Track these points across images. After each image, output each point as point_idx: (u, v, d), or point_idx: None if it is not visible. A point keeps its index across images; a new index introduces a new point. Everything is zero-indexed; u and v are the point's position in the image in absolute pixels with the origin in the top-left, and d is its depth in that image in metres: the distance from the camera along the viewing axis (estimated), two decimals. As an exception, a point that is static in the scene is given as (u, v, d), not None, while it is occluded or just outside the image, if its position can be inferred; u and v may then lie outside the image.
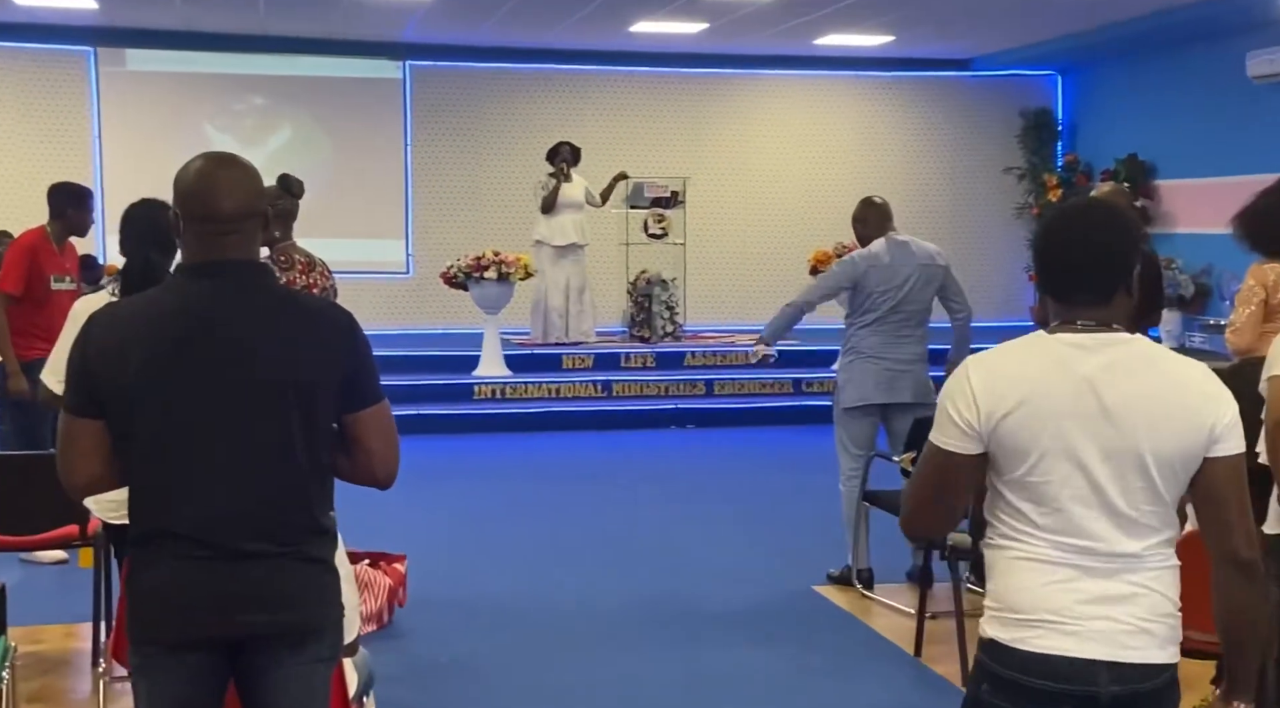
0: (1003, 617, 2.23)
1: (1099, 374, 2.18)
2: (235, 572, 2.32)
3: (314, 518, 2.41)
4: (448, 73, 12.99)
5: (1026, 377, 2.19)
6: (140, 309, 2.40)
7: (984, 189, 13.97)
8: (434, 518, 7.02)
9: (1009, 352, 2.25)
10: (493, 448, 9.48)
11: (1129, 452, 2.17)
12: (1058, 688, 2.17)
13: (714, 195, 13.32)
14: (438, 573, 5.94)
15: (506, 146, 13.06)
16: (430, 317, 12.69)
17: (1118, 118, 12.92)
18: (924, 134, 13.92)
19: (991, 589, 2.26)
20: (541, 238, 11.13)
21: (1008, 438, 2.18)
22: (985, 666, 2.25)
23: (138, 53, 12.33)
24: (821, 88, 13.74)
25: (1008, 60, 13.41)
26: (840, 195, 13.42)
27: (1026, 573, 2.20)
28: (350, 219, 12.52)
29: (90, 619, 4.71)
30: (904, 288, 5.69)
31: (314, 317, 2.41)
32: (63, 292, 6.21)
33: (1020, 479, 2.20)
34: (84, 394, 2.35)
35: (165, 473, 2.33)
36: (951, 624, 4.99)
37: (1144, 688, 2.18)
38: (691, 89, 13.46)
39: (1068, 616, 2.17)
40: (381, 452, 2.44)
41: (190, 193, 2.38)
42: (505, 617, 5.44)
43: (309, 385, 2.34)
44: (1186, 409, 2.18)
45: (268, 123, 12.72)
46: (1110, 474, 2.17)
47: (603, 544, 6.68)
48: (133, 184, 12.06)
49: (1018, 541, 2.22)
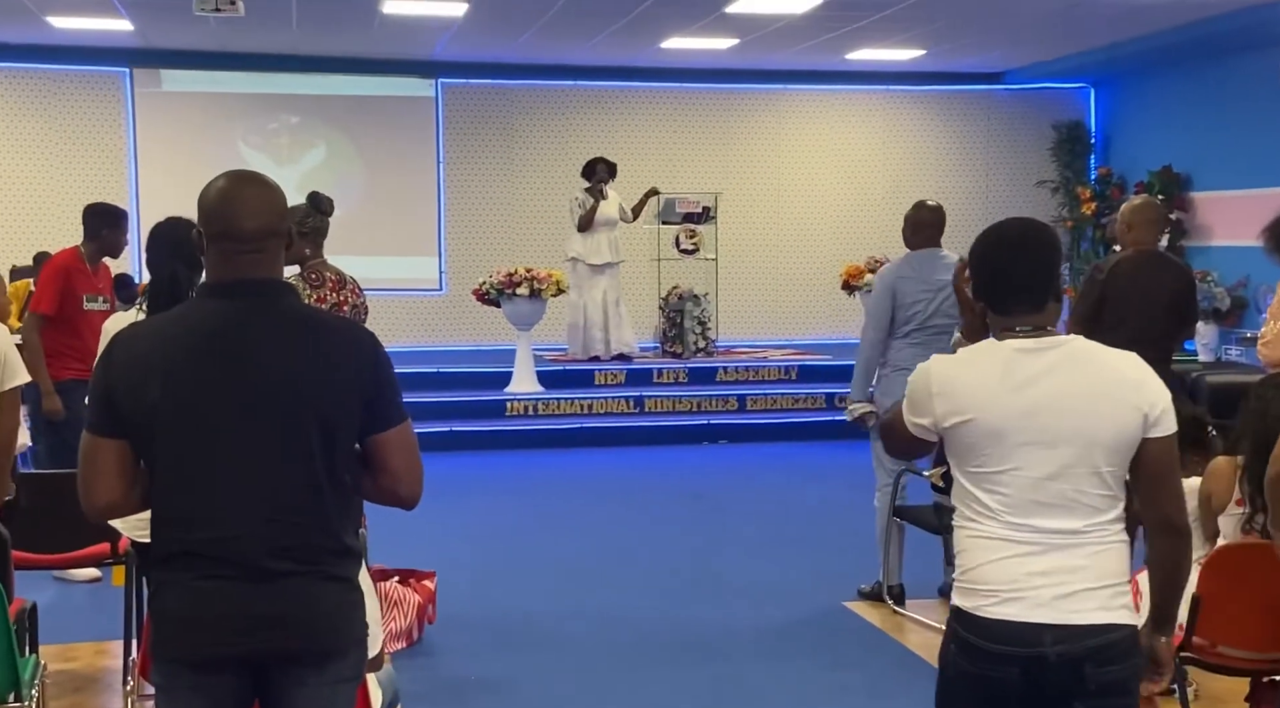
0: (965, 587, 2.52)
1: (1044, 372, 2.47)
2: (258, 591, 2.31)
3: (337, 538, 2.39)
4: (479, 90, 13.04)
5: (979, 382, 2.48)
6: (162, 328, 2.41)
7: (1017, 203, 13.85)
8: (465, 535, 7.01)
9: (964, 360, 2.54)
10: (524, 464, 9.46)
11: (1074, 440, 2.44)
12: (1008, 650, 2.46)
13: (746, 211, 13.29)
14: (468, 590, 5.92)
15: (538, 163, 13.09)
16: (463, 333, 12.71)
17: (1152, 130, 12.80)
18: (956, 148, 13.85)
19: (958, 564, 2.55)
20: (577, 256, 11.07)
21: (963, 434, 2.49)
22: (953, 630, 2.55)
23: (173, 73, 12.45)
24: (853, 102, 13.70)
25: (1040, 73, 13.32)
26: (872, 210, 13.42)
27: (984, 550, 2.49)
28: (383, 236, 12.58)
29: (121, 637, 4.72)
30: (935, 300, 5.64)
31: (336, 337, 2.40)
32: (95, 312, 6.24)
33: (977, 470, 2.49)
34: (106, 413, 2.35)
35: (186, 493, 2.33)
36: None
37: (1087, 646, 2.43)
38: (723, 104, 13.45)
39: (1017, 586, 2.45)
40: (405, 472, 2.43)
41: (212, 211, 2.39)
42: (535, 635, 5.41)
43: (330, 407, 2.33)
44: (1123, 398, 2.47)
45: (301, 141, 12.81)
46: (1057, 462, 2.44)
47: (634, 562, 6.65)
48: (168, 203, 12.11)
49: (976, 521, 2.51)
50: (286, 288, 2.43)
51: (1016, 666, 2.45)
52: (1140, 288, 5.72)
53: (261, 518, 2.32)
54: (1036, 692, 2.46)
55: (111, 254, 6.45)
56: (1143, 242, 5.82)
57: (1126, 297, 5.72)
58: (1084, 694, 2.45)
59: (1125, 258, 5.82)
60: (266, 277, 2.39)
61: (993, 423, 2.45)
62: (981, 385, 2.48)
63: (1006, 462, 2.45)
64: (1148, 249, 5.87)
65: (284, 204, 2.44)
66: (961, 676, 2.52)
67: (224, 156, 12.47)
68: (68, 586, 5.99)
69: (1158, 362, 5.81)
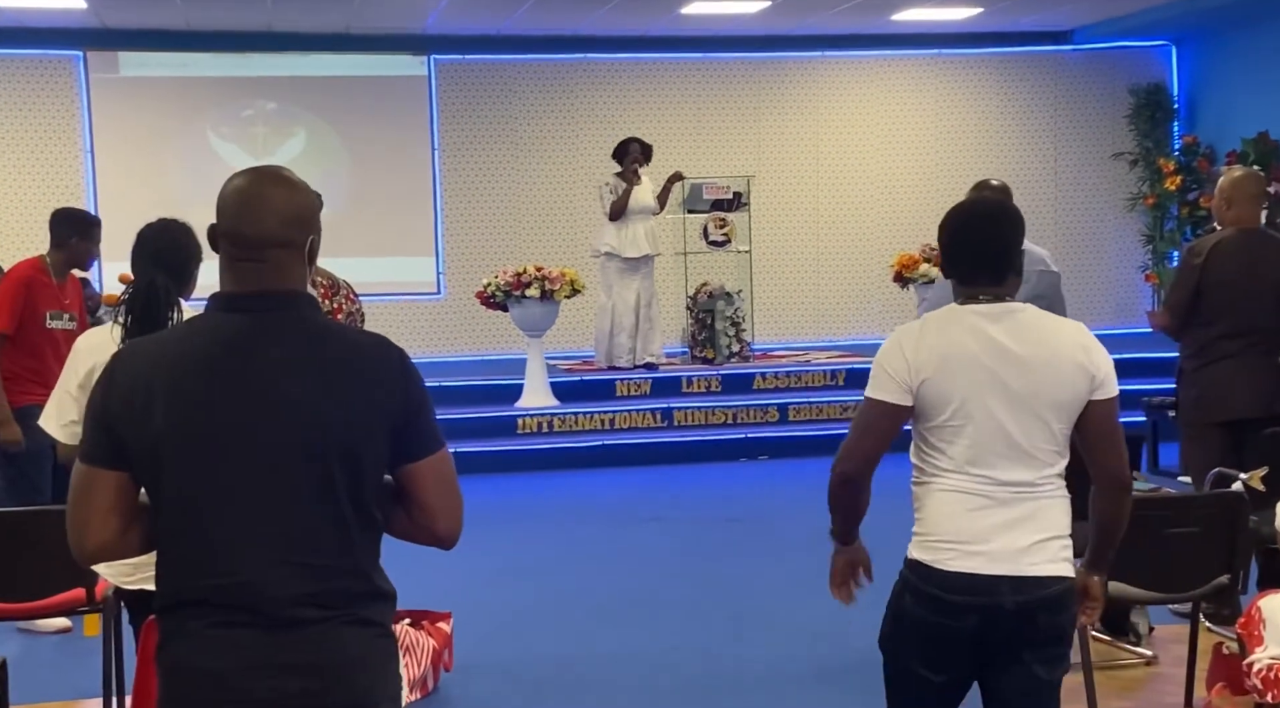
0: (926, 541, 3.03)
1: (1003, 336, 3.01)
2: (280, 640, 2.31)
3: (367, 579, 2.39)
4: (477, 67, 13.08)
5: (946, 342, 3.02)
6: (166, 345, 2.41)
7: (1091, 178, 13.85)
8: (479, 571, 7.01)
9: (931, 323, 3.07)
10: (540, 488, 9.47)
11: (1029, 398, 2.98)
12: (968, 601, 2.96)
13: (782, 195, 13.29)
14: (487, 633, 5.93)
15: (545, 147, 13.11)
16: (466, 342, 12.74)
17: (1243, 92, 12.75)
18: (1020, 118, 13.82)
19: (918, 519, 3.05)
20: (611, 249, 11.01)
21: (932, 390, 2.99)
22: (909, 581, 3.06)
23: (132, 56, 12.52)
24: (901, 69, 13.69)
25: (1113, 30, 13.29)
26: (925, 191, 13.40)
27: (946, 503, 3.00)
28: (373, 235, 12.63)
29: (99, 695, 4.74)
30: (1022, 294, 5.61)
31: (361, 355, 2.39)
32: (60, 331, 6.27)
33: (942, 424, 3.00)
34: (104, 442, 2.35)
35: (198, 533, 2.33)
36: (1077, 678, 4.90)
37: (1041, 596, 2.97)
38: (753, 76, 13.45)
39: (977, 540, 2.96)
40: (442, 507, 2.43)
41: (223, 208, 2.41)
42: (565, 682, 5.41)
43: (355, 434, 2.33)
44: (1075, 361, 3.02)
45: (279, 129, 12.87)
46: (1014, 417, 2.98)
47: (669, 596, 6.64)
48: (129, 202, 12.34)
49: (939, 476, 3.03)
50: (307, 300, 2.42)
51: (975, 615, 2.97)
52: (1245, 273, 5.70)
53: (280, 560, 2.31)
54: (989, 639, 2.99)
55: (80, 265, 6.48)
56: (1245, 219, 5.81)
57: (1229, 282, 5.71)
58: (1034, 642, 3.00)
59: (1225, 238, 5.81)
60: (284, 287, 2.39)
61: (959, 381, 2.98)
62: (949, 346, 3.01)
63: (970, 417, 2.98)
64: (1251, 227, 5.85)
65: (306, 212, 2.43)
66: (919, 624, 3.04)
67: (191, 149, 12.57)
68: (33, 638, 6.02)
69: (1266, 354, 5.85)
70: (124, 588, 3.81)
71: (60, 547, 4.46)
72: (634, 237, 10.99)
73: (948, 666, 3.04)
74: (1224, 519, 4.60)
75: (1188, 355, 5.94)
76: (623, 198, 10.92)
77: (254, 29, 12.32)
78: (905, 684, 3.13)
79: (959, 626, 2.97)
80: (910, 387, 3.01)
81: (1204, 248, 5.82)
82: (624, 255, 10.99)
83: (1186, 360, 5.96)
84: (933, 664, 3.05)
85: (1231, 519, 4.60)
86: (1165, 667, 5.38)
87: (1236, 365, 5.77)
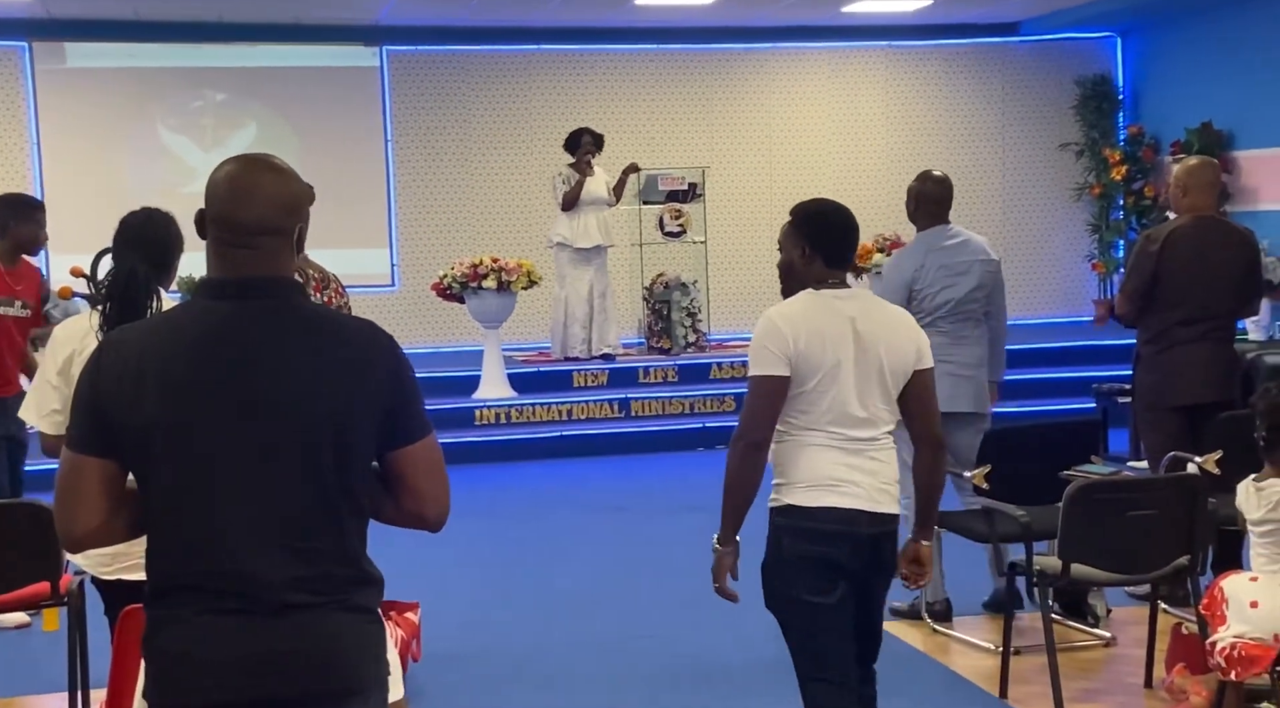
0: (798, 487, 3.59)
1: (855, 314, 3.60)
2: (272, 626, 2.31)
3: (357, 564, 2.40)
4: (430, 58, 13.02)
5: (812, 319, 3.58)
6: (157, 331, 2.40)
7: (1037, 168, 13.98)
8: (442, 562, 6.99)
9: (797, 305, 3.61)
10: (499, 479, 9.46)
11: (874, 366, 3.58)
12: (839, 530, 3.56)
13: (737, 186, 13.33)
14: (450, 624, 5.91)
15: (499, 139, 13.08)
16: (422, 334, 12.68)
17: (1188, 83, 12.91)
18: (968, 109, 13.92)
19: (787, 471, 3.61)
20: (563, 240, 11.05)
21: (803, 361, 3.54)
22: (785, 526, 3.61)
23: (79, 46, 12.36)
24: (851, 61, 13.76)
25: (1061, 22, 13.41)
26: (876, 180, 13.48)
27: (813, 455, 3.58)
28: (326, 227, 12.33)
29: (63, 688, 4.69)
30: (964, 285, 5.68)
31: (351, 341, 2.39)
32: (9, 318, 6.19)
33: (811, 390, 3.55)
34: (93, 429, 2.34)
35: (188, 519, 2.32)
36: (1039, 660, 4.96)
37: (885, 530, 3.63)
38: (706, 68, 13.48)
39: (842, 482, 3.57)
40: (430, 492, 2.44)
41: (212, 194, 2.40)
42: (534, 672, 5.42)
43: (346, 419, 2.34)
44: (905, 337, 3.65)
45: (229, 121, 12.74)
46: (863, 383, 3.57)
47: (633, 586, 6.66)
48: (77, 194, 12.22)
49: (805, 433, 3.58)
50: (295, 287, 2.42)
51: (846, 542, 3.57)
52: (1201, 260, 5.78)
53: (272, 544, 2.31)
54: (851, 566, 3.59)
55: (27, 250, 6.39)
56: (1200, 207, 5.88)
57: (1185, 270, 5.78)
58: (876, 569, 3.65)
59: (1181, 226, 5.88)
60: (272, 274, 2.39)
61: (825, 353, 3.54)
62: (815, 324, 3.56)
63: (835, 383, 3.55)
64: (1206, 215, 5.92)
65: (297, 200, 2.43)
66: (802, 558, 3.59)
67: (140, 141, 12.42)
68: (-9, 633, 5.95)
69: (1221, 341, 5.94)
70: (101, 578, 3.78)
71: (24, 540, 4.45)
72: (586, 227, 11.00)
73: (831, 587, 3.58)
74: (1183, 502, 4.67)
75: (1145, 341, 6.01)
76: (575, 189, 10.93)
77: (203, 19, 12.19)
78: (805, 618, 3.63)
79: (835, 551, 3.57)
80: (790, 359, 3.53)
81: (1160, 235, 5.89)
82: (576, 246, 11.01)
83: (1144, 346, 6.03)
84: (819, 589, 3.58)
85: (1190, 501, 4.67)
86: (1124, 648, 5.45)
87: (1193, 351, 5.84)
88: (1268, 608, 4.04)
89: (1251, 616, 4.08)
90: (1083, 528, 4.59)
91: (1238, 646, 4.07)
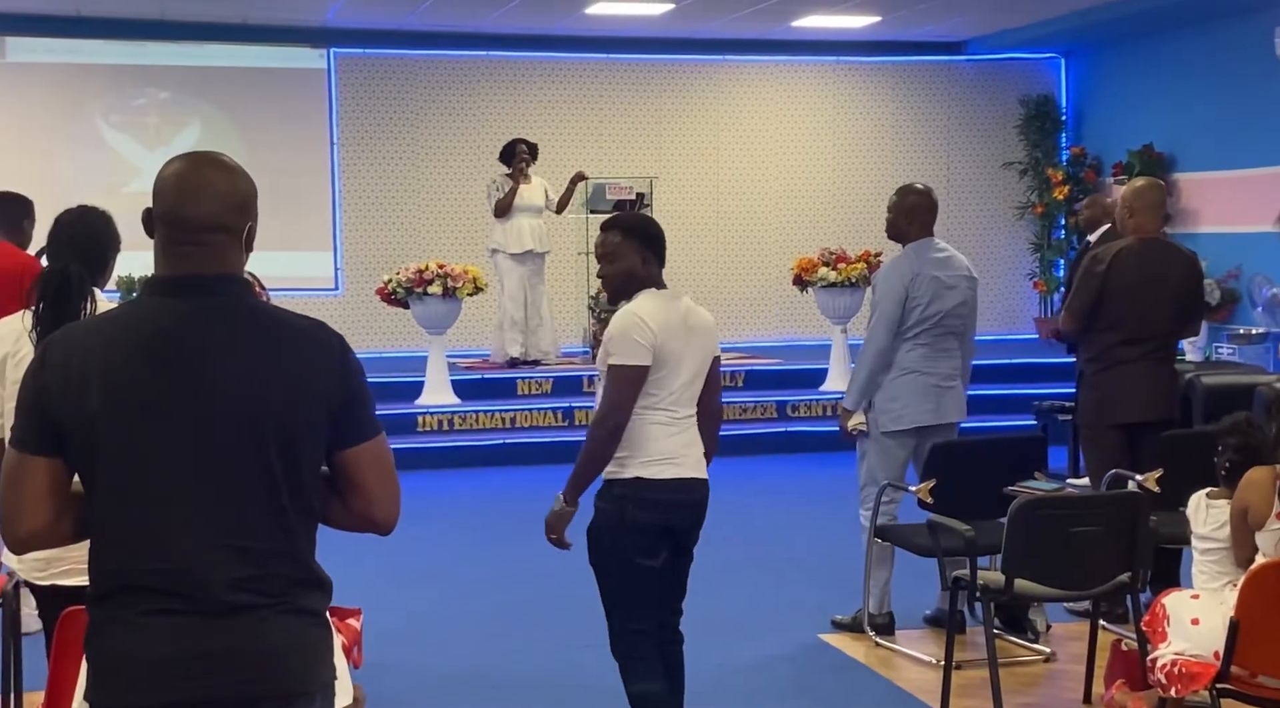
0: (642, 461, 4.10)
1: (685, 311, 4.16)
2: (216, 627, 2.29)
3: (305, 566, 2.39)
4: (378, 61, 12.94)
5: (664, 316, 4.09)
6: (103, 332, 2.37)
7: (981, 186, 14.11)
8: (383, 569, 6.93)
9: (649, 303, 4.10)
10: (441, 486, 9.40)
11: (698, 354, 4.17)
12: (679, 498, 4.16)
13: (683, 197, 13.35)
14: (391, 631, 5.85)
15: (447, 144, 13.02)
16: (365, 339, 12.57)
17: (1130, 105, 13.09)
18: (914, 126, 14.04)
19: (633, 448, 4.09)
20: (497, 246, 11.15)
21: (660, 352, 4.06)
22: (630, 494, 4.11)
23: (19, 40, 12.20)
24: (800, 75, 13.83)
25: (1006, 42, 13.57)
26: (823, 194, 13.55)
27: (657, 433, 4.10)
28: (269, 229, 12.07)
29: (-2, 693, 4.61)
30: (952, 299, 5.72)
31: (299, 340, 2.38)
32: None
33: (661, 377, 4.08)
34: (37, 427, 2.31)
35: (133, 518, 2.30)
36: (980, 674, 4.99)
37: (705, 493, 4.25)
38: (655, 78, 13.50)
39: (679, 454, 4.14)
40: (380, 493, 2.43)
41: (158, 191, 2.38)
42: (470, 681, 5.40)
43: (291, 419, 2.32)
44: (712, 329, 4.27)
45: (172, 119, 12.62)
46: (691, 370, 4.15)
47: (578, 597, 6.60)
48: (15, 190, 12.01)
49: (649, 413, 4.09)
50: (242, 284, 2.40)
51: (684, 510, 4.18)
52: (1145, 280, 5.84)
53: (217, 544, 2.29)
54: (678, 528, 4.19)
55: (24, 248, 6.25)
56: (1146, 228, 5.96)
57: (1129, 290, 5.84)
58: (693, 530, 4.27)
59: (1127, 246, 5.94)
60: (219, 272, 2.37)
61: (675, 345, 4.08)
62: (667, 320, 4.08)
63: (677, 371, 4.10)
64: (1151, 237, 5.99)
65: (246, 198, 2.41)
66: (643, 526, 4.10)
67: (81, 138, 12.27)
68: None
69: (1162, 361, 6.01)
70: (35, 584, 3.71)
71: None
72: (519, 233, 11.07)
73: (659, 552, 4.15)
74: (1125, 519, 4.71)
75: (1088, 359, 6.07)
76: (508, 196, 11.02)
77: (147, 17, 12.05)
78: (634, 579, 4.17)
79: (672, 518, 4.16)
80: (653, 350, 4.03)
81: (1108, 255, 5.96)
82: (509, 251, 11.08)
83: (1086, 364, 6.09)
84: (651, 553, 4.14)
85: (1133, 519, 4.71)
86: (1063, 663, 5.50)
87: (1134, 371, 5.90)
88: (1208, 626, 4.08)
89: (1192, 633, 4.13)
90: (1026, 543, 4.63)
91: (1178, 663, 4.11)
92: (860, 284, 11.01)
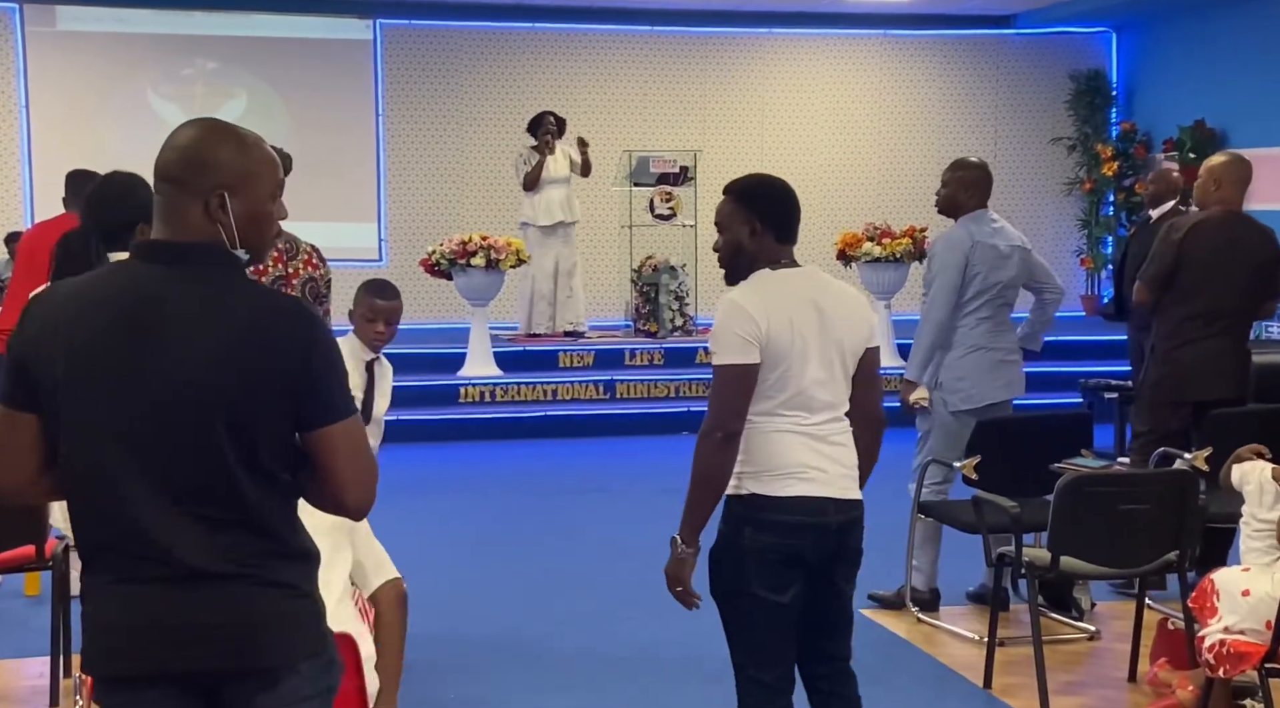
0: (762, 476, 3.37)
1: (816, 293, 3.43)
2: (188, 596, 2.29)
3: (277, 538, 2.36)
4: (424, 32, 12.94)
5: (777, 302, 3.36)
6: (79, 295, 2.36)
7: (1030, 162, 13.98)
8: (425, 539, 6.96)
9: (757, 289, 3.39)
10: (482, 457, 9.43)
11: (835, 346, 3.40)
12: (804, 521, 3.37)
13: (727, 171, 13.05)
14: (426, 602, 5.86)
15: (491, 116, 13.02)
16: (408, 310, 12.24)
17: (1181, 80, 12.92)
18: (961, 100, 13.91)
19: (750, 460, 3.38)
20: (527, 218, 11.21)
21: (772, 347, 3.33)
22: (747, 515, 3.38)
23: (70, 10, 12.27)
24: (846, 49, 13.72)
25: (1056, 16, 13.42)
26: (868, 169, 13.46)
27: (778, 442, 3.36)
28: (314, 200, 12.37)
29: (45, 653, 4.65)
30: (1008, 270, 5.68)
31: (264, 316, 2.33)
32: None
33: (779, 376, 3.34)
34: (19, 383, 2.33)
35: (96, 484, 2.31)
36: (1024, 651, 4.96)
37: (852, 516, 3.45)
38: (701, 51, 13.42)
39: (809, 467, 3.37)
40: (350, 477, 2.36)
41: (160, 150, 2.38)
42: (519, 651, 5.40)
43: (242, 393, 2.28)
44: (861, 315, 3.51)
45: (219, 90, 12.67)
46: (825, 364, 3.38)
47: (620, 566, 6.63)
48: (64, 159, 12.02)
49: (768, 419, 3.36)
50: (220, 254, 2.35)
51: (810, 533, 3.37)
52: (1222, 253, 5.74)
53: (172, 512, 2.29)
54: (813, 558, 3.40)
55: None
56: (1230, 201, 5.85)
57: (1207, 263, 5.74)
58: (842, 559, 3.47)
59: (1209, 218, 5.84)
60: (204, 240, 2.33)
61: (794, 335, 3.34)
62: (783, 304, 3.36)
63: (802, 366, 3.35)
64: (1234, 210, 5.90)
65: (204, 154, 2.33)
66: (762, 551, 3.36)
67: (129, 107, 12.33)
68: (-31, 598, 5.90)
69: (1238, 338, 5.90)
70: (77, 544, 3.74)
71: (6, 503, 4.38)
72: (548, 204, 11.09)
73: (788, 584, 3.39)
74: (1175, 496, 4.66)
75: (1162, 336, 5.96)
76: (535, 169, 11.07)
77: (197, -13, 12.10)
78: (754, 614, 3.42)
79: (798, 544, 3.37)
80: (761, 345, 3.33)
81: (1185, 225, 5.87)
82: (538, 223, 11.11)
83: (1160, 340, 5.98)
84: (777, 587, 3.38)
85: (1181, 497, 4.66)
86: (1108, 642, 5.45)
87: (1206, 349, 5.80)
88: (1259, 595, 4.03)
89: (1242, 604, 4.07)
90: (1073, 520, 4.58)
91: (1226, 643, 4.07)
92: (905, 259, 10.94)
